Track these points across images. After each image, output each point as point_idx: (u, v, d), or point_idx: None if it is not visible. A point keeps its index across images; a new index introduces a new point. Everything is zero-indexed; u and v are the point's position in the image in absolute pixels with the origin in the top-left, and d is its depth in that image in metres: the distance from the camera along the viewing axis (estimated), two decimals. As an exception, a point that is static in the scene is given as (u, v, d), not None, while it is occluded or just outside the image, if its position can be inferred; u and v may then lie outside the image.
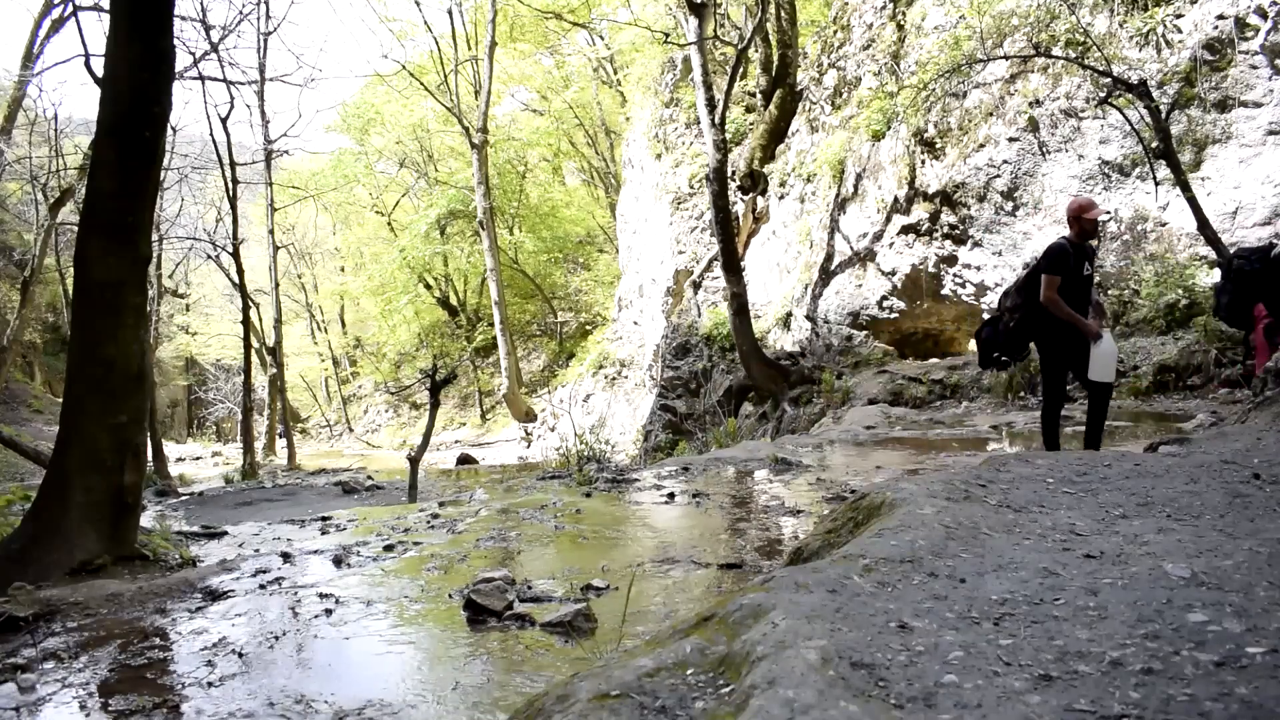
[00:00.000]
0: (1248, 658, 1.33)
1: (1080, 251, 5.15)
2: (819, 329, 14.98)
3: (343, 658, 2.97)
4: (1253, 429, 5.32)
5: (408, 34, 29.99)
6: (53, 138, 17.66)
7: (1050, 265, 5.11)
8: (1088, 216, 5.13)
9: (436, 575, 4.07)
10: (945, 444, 8.00)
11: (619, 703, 1.37)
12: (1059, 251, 5.12)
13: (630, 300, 23.13)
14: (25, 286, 18.75)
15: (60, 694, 2.74)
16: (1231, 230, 8.70)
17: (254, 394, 21.06)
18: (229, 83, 16.45)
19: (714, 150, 13.62)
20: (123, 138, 4.66)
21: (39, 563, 4.24)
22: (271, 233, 25.16)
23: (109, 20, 4.86)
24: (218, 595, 3.83)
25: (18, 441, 9.62)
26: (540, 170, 33.77)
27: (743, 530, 4.76)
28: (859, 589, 1.82)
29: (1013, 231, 11.17)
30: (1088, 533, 2.65)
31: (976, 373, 11.45)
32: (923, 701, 1.26)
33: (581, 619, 3.06)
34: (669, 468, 7.69)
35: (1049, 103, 10.50)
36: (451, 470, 16.12)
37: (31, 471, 13.03)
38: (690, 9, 13.70)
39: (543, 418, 24.25)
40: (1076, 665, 1.37)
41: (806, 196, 15.97)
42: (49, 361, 31.03)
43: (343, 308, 41.92)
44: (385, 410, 34.71)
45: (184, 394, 41.25)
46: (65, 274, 20.98)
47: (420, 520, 5.81)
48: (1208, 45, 8.95)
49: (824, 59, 16.46)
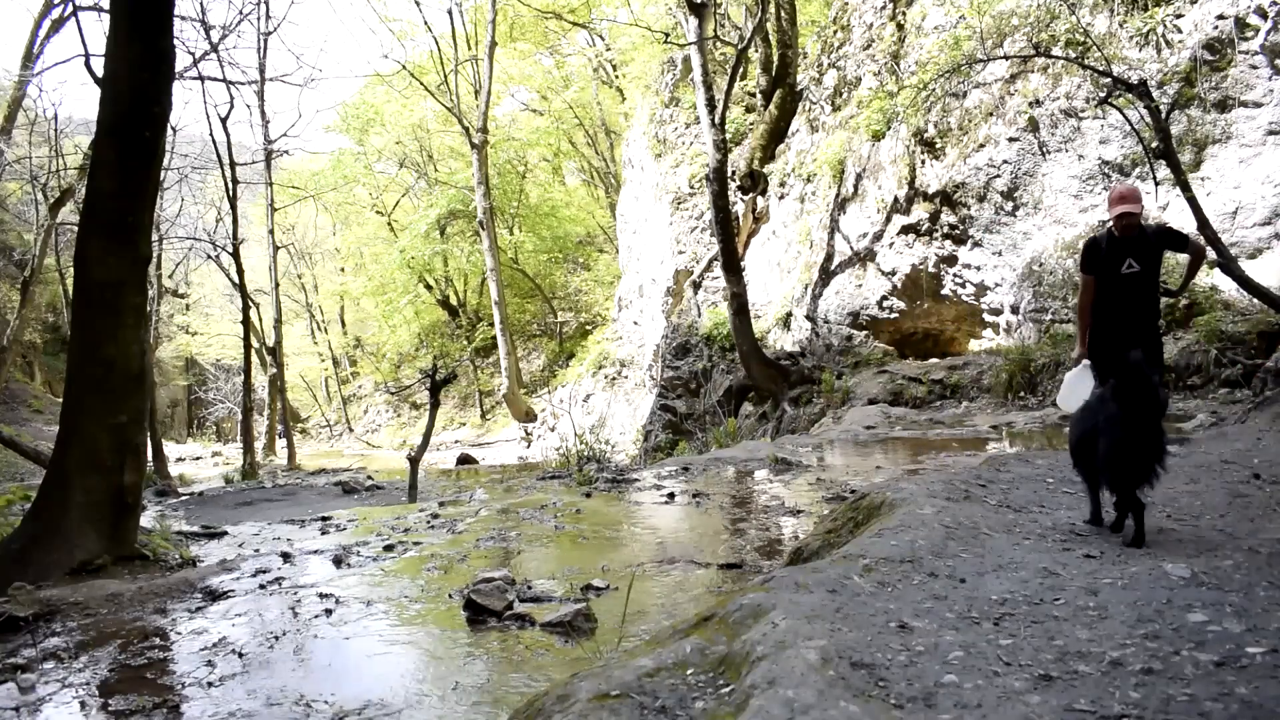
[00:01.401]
0: (1248, 658, 1.33)
1: (1120, 245, 4.53)
2: (819, 329, 14.98)
3: (343, 658, 2.97)
4: (1253, 429, 5.32)
5: (408, 34, 29.99)
6: (53, 138, 17.65)
7: (1082, 265, 4.69)
8: (1110, 214, 4.56)
9: (436, 575, 4.07)
10: (945, 444, 8.00)
11: (619, 703, 1.37)
12: (1087, 248, 4.66)
13: (630, 300, 23.14)
14: (25, 286, 18.75)
15: (60, 694, 2.73)
16: (1231, 230, 8.70)
17: (254, 394, 21.06)
18: (229, 83, 16.46)
19: (714, 150, 13.62)
20: (123, 138, 4.66)
21: (39, 563, 4.24)
22: (271, 233, 25.17)
23: (109, 20, 4.86)
24: (218, 595, 3.83)
25: (18, 441, 9.62)
26: (540, 170, 33.77)
27: (743, 530, 4.76)
28: (859, 589, 1.82)
29: (1013, 231, 11.17)
30: (1088, 533, 2.65)
31: (976, 372, 11.45)
32: (923, 701, 1.25)
33: (581, 619, 3.06)
34: (669, 468, 7.69)
35: (1049, 103, 10.50)
36: (451, 470, 16.12)
37: (31, 471, 13.03)
38: (690, 9, 13.70)
39: (543, 418, 24.25)
40: (1076, 665, 1.37)
41: (806, 196, 15.97)
42: (49, 361, 31.02)
43: (343, 308, 41.92)
44: (385, 410, 34.71)
45: (184, 394, 41.25)
46: (65, 274, 20.97)
47: (420, 520, 5.81)
48: (1208, 45, 8.95)
49: (824, 59, 16.47)
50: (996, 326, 12.13)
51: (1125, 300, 4.54)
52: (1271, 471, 3.69)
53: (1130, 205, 4.46)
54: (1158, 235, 4.66)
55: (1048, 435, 7.97)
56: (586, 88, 31.40)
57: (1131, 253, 4.51)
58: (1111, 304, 4.57)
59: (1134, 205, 4.45)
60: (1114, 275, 4.53)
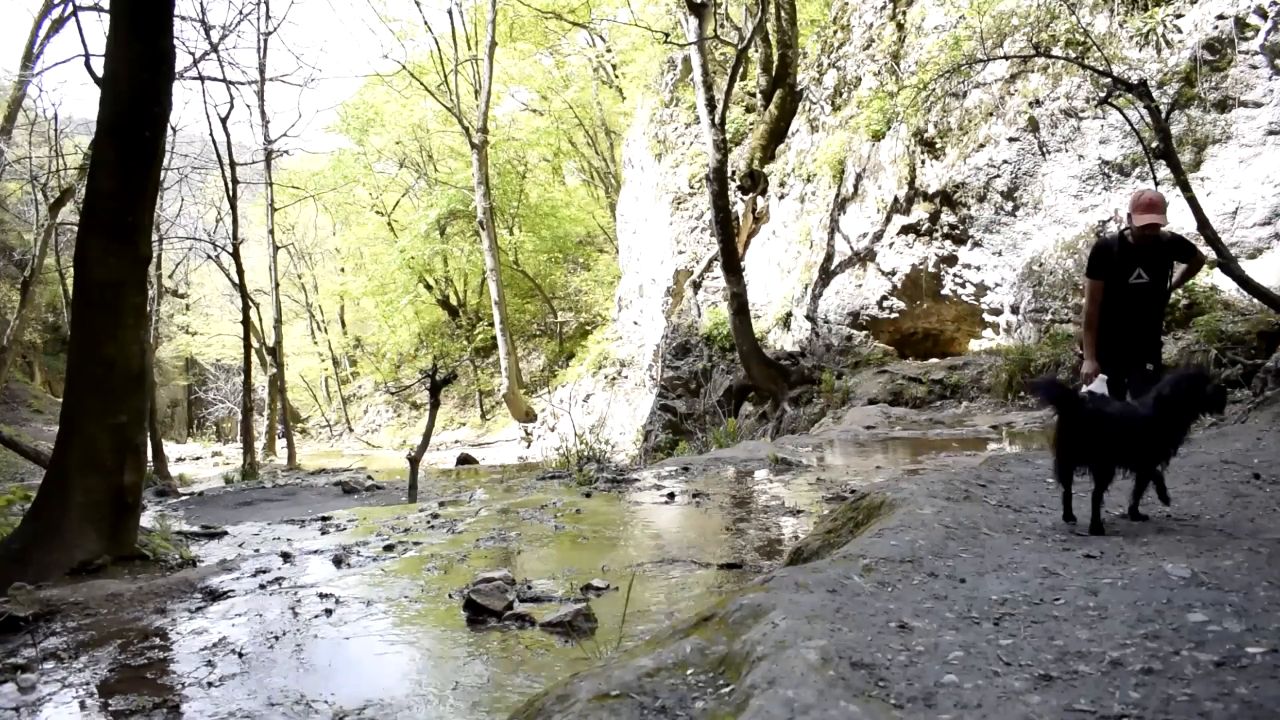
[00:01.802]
0: (1248, 658, 1.33)
1: (1132, 252, 4.25)
2: (819, 329, 14.98)
3: (343, 658, 2.97)
4: (1253, 429, 5.32)
5: (408, 34, 30.00)
6: (53, 138, 17.65)
7: (1089, 269, 4.37)
8: (1136, 222, 4.19)
9: (436, 575, 4.07)
10: (945, 444, 8.00)
11: (619, 703, 1.37)
12: (1098, 251, 4.36)
13: (630, 300, 23.14)
14: (25, 286, 18.75)
15: (60, 694, 2.73)
16: (1231, 230, 8.70)
17: (254, 394, 21.06)
18: (229, 83, 16.46)
19: (714, 150, 13.62)
20: (123, 138, 4.66)
21: (39, 563, 4.24)
22: (271, 233, 25.17)
23: (109, 20, 4.86)
24: (218, 595, 3.83)
25: (18, 441, 9.62)
26: (540, 170, 33.77)
27: (743, 530, 4.76)
28: (859, 589, 1.82)
29: (1013, 231, 11.17)
30: (1088, 532, 2.65)
31: (976, 372, 11.45)
32: (923, 701, 1.25)
33: (581, 619, 3.06)
34: (669, 468, 7.68)
35: (1049, 103, 10.50)
36: (451, 470, 16.12)
37: (31, 471, 13.03)
38: (690, 9, 13.70)
39: (543, 418, 24.25)
40: (1076, 665, 1.37)
41: (806, 196, 15.98)
42: (49, 361, 31.02)
43: (343, 308, 41.92)
44: (385, 410, 34.71)
45: (184, 394, 41.25)
46: (65, 274, 20.97)
47: (420, 520, 5.81)
48: (1208, 45, 8.94)
49: (824, 59, 16.47)
50: (996, 326, 12.13)
51: (1131, 311, 4.29)
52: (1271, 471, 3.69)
53: (1157, 216, 4.16)
54: (1170, 245, 4.38)
55: (1048, 435, 7.96)
56: (586, 88, 31.40)
57: (1142, 262, 4.26)
58: (1116, 314, 4.31)
59: (1160, 217, 4.16)
60: (1122, 284, 4.28)
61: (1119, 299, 4.28)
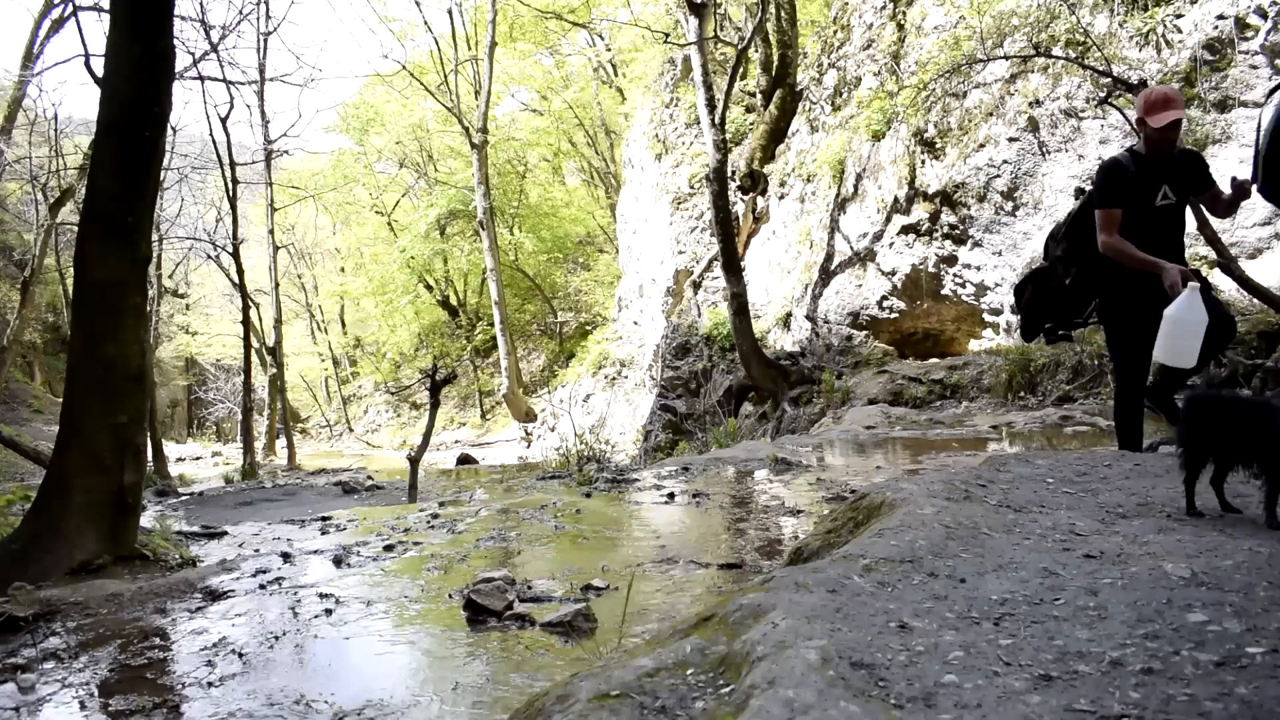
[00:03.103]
0: (1248, 658, 1.33)
1: (1153, 168, 3.44)
2: (819, 329, 14.98)
3: (343, 658, 2.97)
4: (1253, 429, 5.30)
5: (408, 34, 30.04)
6: (53, 138, 17.66)
7: (1103, 194, 3.48)
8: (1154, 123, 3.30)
9: (436, 575, 4.07)
10: (945, 444, 8.00)
11: (619, 703, 1.37)
12: (1110, 171, 3.50)
13: (630, 300, 23.14)
14: (25, 286, 18.75)
15: (60, 694, 2.73)
16: (1231, 230, 8.70)
17: (254, 394, 21.07)
18: (229, 83, 16.51)
19: (714, 150, 13.62)
20: (123, 138, 4.66)
21: (39, 563, 4.24)
22: (271, 233, 25.18)
23: (109, 20, 4.86)
24: (218, 595, 3.83)
25: (18, 441, 9.62)
26: (540, 170, 33.77)
27: (743, 530, 4.76)
28: (859, 589, 1.82)
29: (1013, 231, 11.17)
30: (1088, 533, 2.65)
31: (976, 372, 11.44)
32: (923, 701, 1.25)
33: (581, 619, 3.06)
34: (669, 468, 7.68)
35: (1049, 103, 10.50)
36: (451, 470, 16.12)
37: (31, 471, 13.03)
38: (690, 9, 13.70)
39: (543, 418, 24.26)
40: (1076, 665, 1.37)
41: (806, 196, 15.98)
42: (49, 361, 31.02)
43: (343, 308, 41.93)
44: (385, 410, 34.71)
45: (184, 394, 41.25)
46: (65, 274, 20.98)
47: (420, 520, 5.80)
48: (1208, 45, 8.94)
49: (824, 59, 16.47)
50: (996, 326, 12.13)
51: (1159, 241, 3.38)
52: (1271, 471, 3.68)
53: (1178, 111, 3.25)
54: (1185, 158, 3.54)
55: (1047, 435, 7.96)
56: (586, 88, 31.41)
57: (1168, 178, 3.40)
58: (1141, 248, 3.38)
59: (1182, 111, 3.27)
60: (1147, 208, 3.39)
61: (1144, 228, 3.40)
